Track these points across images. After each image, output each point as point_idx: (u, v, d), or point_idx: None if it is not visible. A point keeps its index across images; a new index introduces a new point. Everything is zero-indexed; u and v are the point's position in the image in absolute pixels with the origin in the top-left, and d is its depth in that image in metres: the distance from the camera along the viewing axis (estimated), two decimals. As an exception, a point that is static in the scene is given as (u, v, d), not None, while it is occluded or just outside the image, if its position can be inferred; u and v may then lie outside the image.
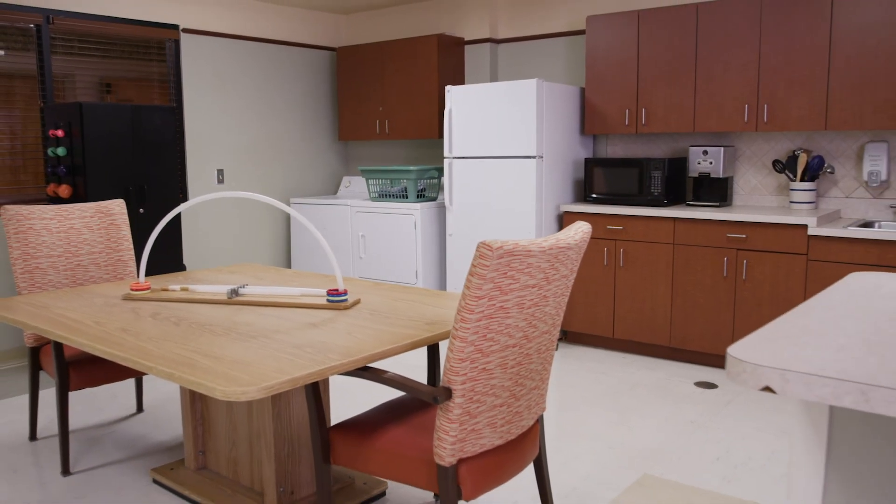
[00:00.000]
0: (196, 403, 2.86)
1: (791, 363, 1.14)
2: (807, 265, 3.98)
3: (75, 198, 4.37)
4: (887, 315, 1.51)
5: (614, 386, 4.09)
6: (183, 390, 2.88)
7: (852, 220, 4.18)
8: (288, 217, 6.26)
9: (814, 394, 1.08)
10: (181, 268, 4.87)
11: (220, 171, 5.70)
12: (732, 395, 3.92)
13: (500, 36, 5.69)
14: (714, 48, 4.41)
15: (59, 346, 2.92)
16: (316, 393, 2.15)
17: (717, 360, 4.43)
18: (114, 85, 5.11)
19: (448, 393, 1.92)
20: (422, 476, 2.06)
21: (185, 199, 5.51)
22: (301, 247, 6.10)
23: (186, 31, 5.39)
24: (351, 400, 3.87)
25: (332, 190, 6.62)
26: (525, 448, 2.23)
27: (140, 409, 3.75)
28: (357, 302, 2.67)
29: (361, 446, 2.16)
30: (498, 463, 2.11)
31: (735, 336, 4.23)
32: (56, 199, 4.45)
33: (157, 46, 5.30)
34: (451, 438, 1.95)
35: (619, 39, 4.76)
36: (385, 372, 2.07)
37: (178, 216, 4.84)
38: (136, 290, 2.84)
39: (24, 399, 3.95)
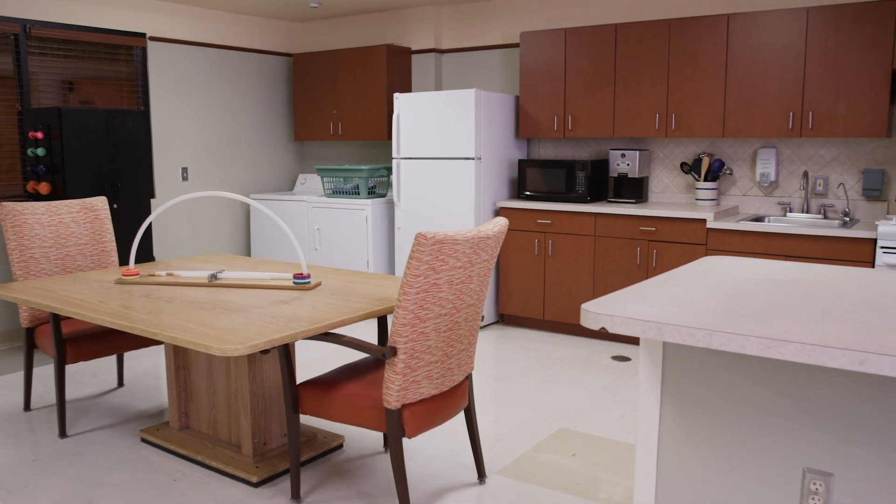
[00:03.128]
0: (180, 372, 3.34)
1: (619, 312, 1.71)
2: (706, 254, 4.62)
3: (54, 194, 4.77)
4: (707, 286, 2.10)
5: (541, 360, 4.69)
6: (168, 361, 3.35)
7: (746, 216, 4.84)
8: (248, 212, 6.70)
9: (630, 329, 1.65)
10: (151, 258, 5.30)
11: (185, 170, 6.12)
12: (642, 366, 4.54)
13: (445, 46, 6.23)
14: (630, 64, 5.03)
15: (57, 324, 3.36)
16: (287, 354, 2.67)
17: (632, 339, 5.06)
18: (85, 88, 5.49)
19: (393, 351, 2.46)
20: (373, 419, 2.60)
21: (153, 196, 5.92)
22: (260, 238, 6.56)
23: (153, 38, 5.79)
24: (315, 371, 4.38)
25: (289, 187, 7.09)
26: (456, 398, 2.78)
27: (121, 383, 4.20)
28: (319, 284, 3.18)
29: (325, 398, 2.68)
30: (434, 408, 2.66)
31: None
32: (35, 196, 4.83)
33: (126, 53, 5.70)
34: (396, 387, 2.49)
35: (549, 53, 5.35)
36: (344, 336, 2.60)
37: (149, 212, 5.26)
38: (128, 275, 3.31)
39: (15, 377, 4.36)
